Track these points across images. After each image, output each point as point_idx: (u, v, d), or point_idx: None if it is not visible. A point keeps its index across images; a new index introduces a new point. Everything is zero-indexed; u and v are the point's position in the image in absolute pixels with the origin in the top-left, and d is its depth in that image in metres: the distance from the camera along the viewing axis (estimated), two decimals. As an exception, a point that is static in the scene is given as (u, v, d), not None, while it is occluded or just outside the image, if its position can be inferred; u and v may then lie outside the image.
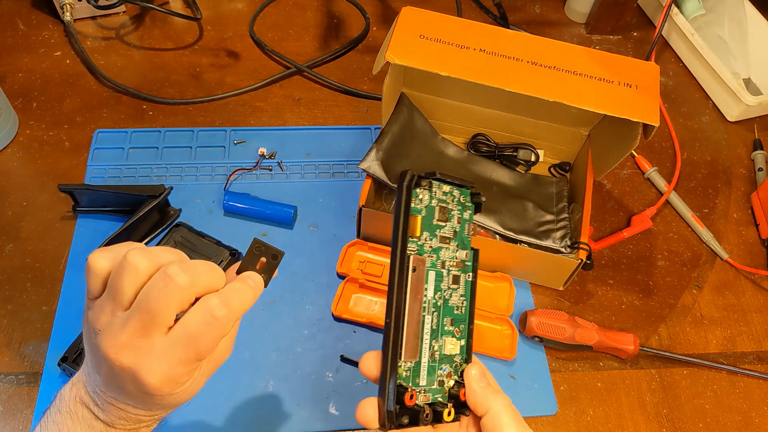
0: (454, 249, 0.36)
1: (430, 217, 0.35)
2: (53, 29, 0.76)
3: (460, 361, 0.36)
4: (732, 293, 0.63)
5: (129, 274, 0.30)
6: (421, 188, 0.35)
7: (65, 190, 0.58)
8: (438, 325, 0.35)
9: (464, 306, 0.36)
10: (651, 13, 0.87)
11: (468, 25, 0.57)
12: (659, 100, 0.53)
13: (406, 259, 0.33)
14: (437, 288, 0.35)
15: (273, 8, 0.82)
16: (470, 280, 0.36)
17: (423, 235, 0.35)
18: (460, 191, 0.36)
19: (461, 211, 0.36)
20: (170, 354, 0.30)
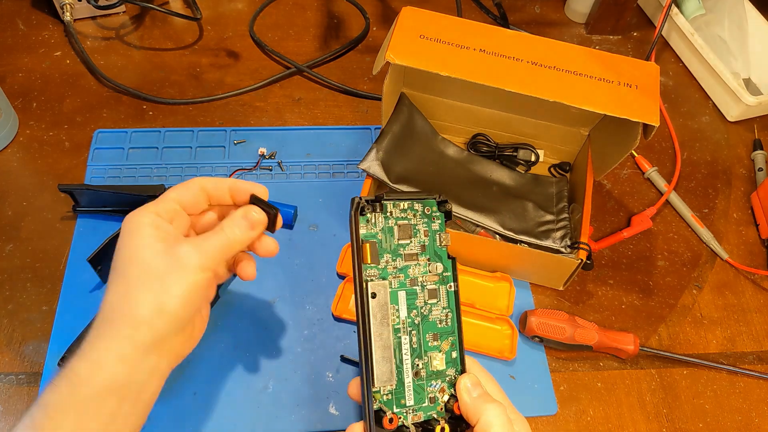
0: (425, 263, 0.36)
1: (390, 238, 0.35)
2: (53, 29, 0.76)
3: (454, 374, 0.35)
4: (732, 293, 0.63)
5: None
6: (371, 213, 0.35)
7: (65, 190, 0.58)
8: (419, 343, 0.35)
9: (449, 318, 0.36)
10: (651, 13, 0.87)
11: (468, 25, 0.57)
12: (659, 100, 0.53)
13: (364, 287, 0.34)
14: (411, 306, 0.35)
15: (273, 8, 0.82)
16: (452, 290, 0.36)
17: (383, 258, 0.35)
18: (422, 204, 0.36)
19: (428, 223, 0.36)
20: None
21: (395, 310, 0.34)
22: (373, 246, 0.35)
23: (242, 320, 0.55)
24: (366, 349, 0.33)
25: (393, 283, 0.35)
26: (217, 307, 0.56)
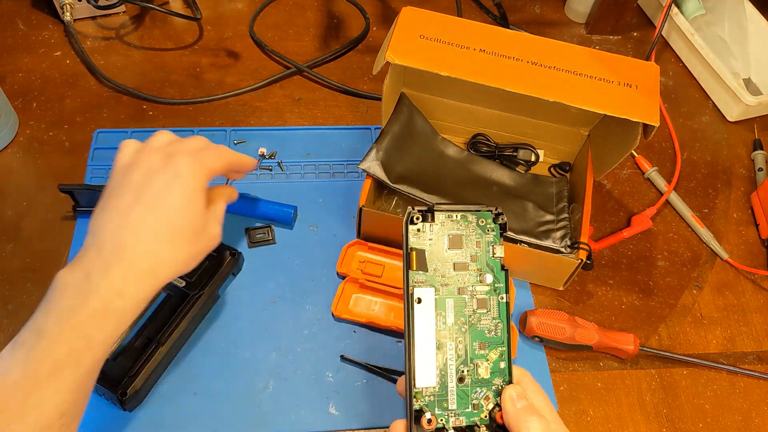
0: (476, 273, 0.37)
1: (440, 248, 0.36)
2: (53, 29, 0.76)
3: (501, 383, 0.36)
4: (732, 293, 0.63)
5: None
6: (422, 222, 0.36)
7: (65, 190, 0.58)
8: (466, 350, 0.36)
9: (499, 328, 0.37)
10: (651, 13, 0.87)
11: (468, 25, 0.57)
12: (659, 100, 0.53)
13: (410, 292, 0.35)
14: (459, 314, 0.36)
15: (273, 8, 0.82)
16: (504, 302, 0.37)
17: (432, 266, 0.36)
18: (477, 215, 0.37)
19: (481, 234, 0.37)
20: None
21: (442, 316, 0.36)
22: (420, 254, 0.36)
23: (242, 320, 0.55)
24: (409, 350, 0.35)
25: (441, 290, 0.36)
26: (217, 307, 0.56)
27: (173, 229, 0.39)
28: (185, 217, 0.40)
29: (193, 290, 0.53)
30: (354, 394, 0.53)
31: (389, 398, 0.53)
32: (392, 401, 0.53)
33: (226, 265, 0.54)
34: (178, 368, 0.52)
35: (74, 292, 0.37)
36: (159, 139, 0.43)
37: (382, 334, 0.56)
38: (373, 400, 0.53)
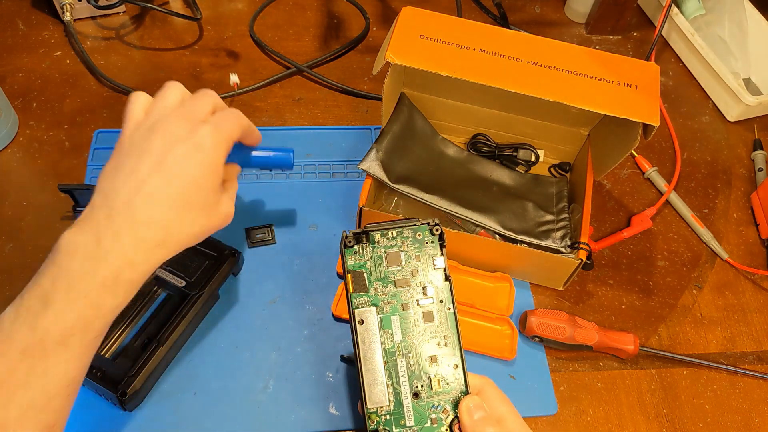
0: (418, 287, 0.37)
1: (379, 267, 0.36)
2: (53, 29, 0.76)
3: (459, 394, 0.36)
4: (732, 293, 0.63)
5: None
6: (357, 244, 0.37)
7: (65, 190, 0.58)
8: (418, 365, 0.36)
9: (448, 339, 0.36)
10: (651, 13, 0.87)
11: (468, 25, 0.57)
12: (659, 100, 0.53)
13: (351, 314, 0.36)
14: (406, 330, 0.36)
15: (273, 8, 0.82)
16: (451, 312, 0.37)
17: (372, 286, 0.36)
18: (412, 230, 0.37)
19: (419, 248, 0.37)
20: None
21: (389, 334, 0.36)
22: (357, 276, 0.37)
23: (242, 320, 0.55)
24: (359, 371, 0.35)
25: (385, 308, 0.36)
26: (217, 307, 0.56)
27: (189, 201, 0.38)
28: (201, 190, 0.38)
29: (193, 290, 0.53)
30: (354, 394, 0.53)
31: (389, 398, 0.53)
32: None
33: (226, 265, 0.54)
34: (178, 368, 0.52)
35: (83, 257, 0.35)
36: (172, 95, 0.41)
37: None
38: (373, 400, 0.53)
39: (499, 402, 0.36)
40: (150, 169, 0.37)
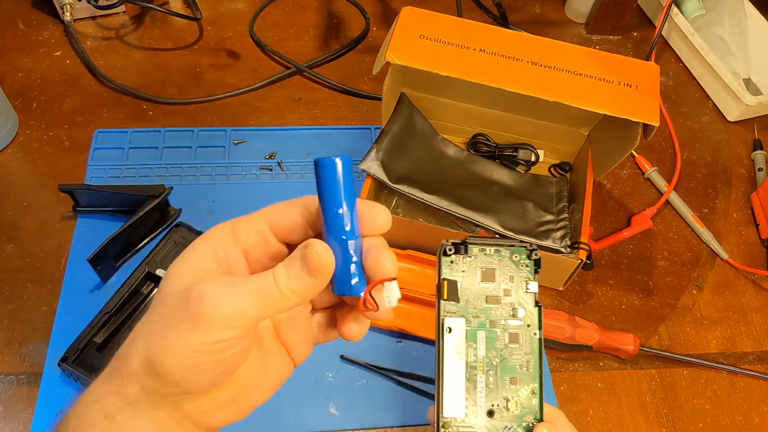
0: (508, 308, 0.37)
1: (473, 280, 0.37)
2: (53, 29, 0.76)
3: (532, 420, 0.36)
4: (732, 293, 0.63)
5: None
6: (455, 255, 0.37)
7: (65, 190, 0.58)
8: (497, 383, 0.36)
9: (531, 364, 0.37)
10: (651, 13, 0.87)
11: (468, 25, 0.57)
12: (659, 100, 0.53)
13: (440, 321, 0.36)
14: (490, 347, 0.36)
15: (273, 8, 0.82)
16: (536, 337, 0.37)
17: (464, 298, 0.37)
18: (510, 251, 0.38)
19: (515, 269, 0.37)
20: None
21: (473, 348, 0.36)
22: (452, 284, 0.37)
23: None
24: (438, 378, 0.35)
25: (473, 322, 0.37)
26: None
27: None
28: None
29: (193, 290, 0.53)
30: (354, 394, 0.53)
31: (389, 398, 0.53)
32: (392, 401, 0.53)
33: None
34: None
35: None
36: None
37: (382, 334, 0.56)
38: (373, 400, 0.53)
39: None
40: None
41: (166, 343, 0.25)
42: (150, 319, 0.27)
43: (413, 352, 0.55)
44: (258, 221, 0.28)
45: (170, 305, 0.26)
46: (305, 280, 0.26)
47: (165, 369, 0.26)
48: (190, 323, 0.25)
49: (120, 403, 0.27)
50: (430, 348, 0.56)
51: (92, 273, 0.54)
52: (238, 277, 0.27)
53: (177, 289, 0.26)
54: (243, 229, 0.28)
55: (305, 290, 0.26)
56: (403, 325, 0.56)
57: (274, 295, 0.26)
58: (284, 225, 0.28)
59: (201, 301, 0.25)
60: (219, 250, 0.27)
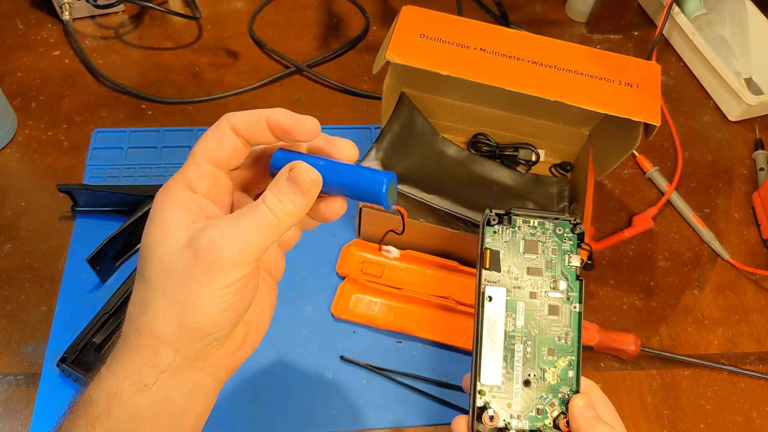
0: (549, 280, 0.37)
1: (515, 251, 0.37)
2: (52, 28, 0.76)
3: (568, 392, 0.36)
4: (733, 293, 0.62)
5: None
6: (499, 224, 0.37)
7: (64, 190, 0.58)
8: (534, 354, 0.36)
9: (569, 337, 0.37)
10: (652, 13, 0.87)
11: (468, 24, 0.57)
12: (660, 99, 0.53)
13: (481, 290, 0.36)
14: (530, 318, 0.36)
15: (272, 7, 0.82)
16: (576, 311, 0.37)
17: (505, 268, 0.37)
18: (554, 224, 0.38)
19: (558, 242, 0.37)
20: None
21: (512, 318, 0.36)
22: (494, 254, 0.37)
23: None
24: (476, 346, 0.36)
25: (513, 292, 0.37)
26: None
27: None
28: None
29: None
30: (354, 394, 0.52)
31: (389, 399, 0.53)
32: (392, 402, 0.53)
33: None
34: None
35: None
36: None
37: (382, 334, 0.56)
38: (373, 401, 0.52)
39: (606, 407, 0.36)
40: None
41: (192, 300, 0.27)
42: (157, 286, 0.28)
43: (413, 353, 0.55)
44: (203, 167, 0.29)
45: (178, 265, 0.27)
46: (298, 200, 0.28)
47: (199, 323, 0.27)
48: (208, 273, 0.26)
49: (153, 373, 0.27)
50: (430, 348, 0.56)
51: (91, 273, 0.54)
52: (233, 216, 0.28)
53: (176, 247, 0.27)
54: (195, 179, 0.29)
55: (299, 210, 0.28)
56: (403, 326, 0.56)
57: (273, 222, 0.27)
58: (226, 156, 0.29)
59: (212, 248, 0.26)
60: (189, 204, 0.28)
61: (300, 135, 0.29)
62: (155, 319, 0.27)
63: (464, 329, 0.56)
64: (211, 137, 0.29)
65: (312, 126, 0.29)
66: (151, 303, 0.28)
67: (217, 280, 0.27)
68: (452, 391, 0.53)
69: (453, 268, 0.59)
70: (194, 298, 0.27)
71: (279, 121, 0.29)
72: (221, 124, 0.29)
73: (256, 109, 0.29)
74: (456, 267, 0.59)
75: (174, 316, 0.27)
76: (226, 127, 0.29)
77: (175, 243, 0.27)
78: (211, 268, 0.26)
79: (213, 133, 0.29)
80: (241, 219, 0.27)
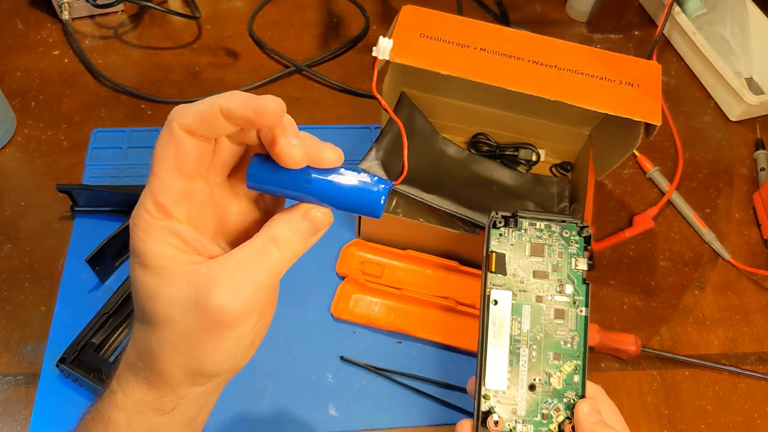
0: (555, 283, 0.37)
1: (521, 254, 0.37)
2: (51, 28, 0.76)
3: (573, 396, 0.36)
4: (734, 294, 0.62)
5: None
6: (505, 227, 0.37)
7: (63, 190, 0.58)
8: (539, 358, 0.36)
9: (575, 341, 0.36)
10: (652, 12, 0.87)
11: (469, 23, 0.56)
12: (661, 99, 0.53)
13: (487, 293, 0.36)
14: (535, 322, 0.36)
15: (272, 7, 0.82)
16: (582, 315, 0.37)
17: (511, 271, 0.36)
18: (561, 226, 0.37)
19: (564, 245, 0.37)
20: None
21: (518, 321, 0.36)
22: (500, 257, 0.37)
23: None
24: (481, 351, 0.35)
25: (519, 296, 0.36)
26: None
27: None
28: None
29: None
30: (354, 394, 0.52)
31: (389, 399, 0.53)
32: (392, 402, 0.53)
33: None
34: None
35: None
36: None
37: (382, 334, 0.56)
38: (373, 401, 0.52)
39: (611, 411, 0.36)
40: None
41: (205, 355, 0.26)
42: (165, 340, 0.27)
43: (413, 353, 0.55)
44: (171, 182, 0.25)
45: (185, 323, 0.26)
46: (309, 241, 0.28)
47: (214, 371, 0.28)
48: (219, 332, 0.26)
49: (175, 400, 0.28)
50: (430, 349, 0.56)
51: (90, 273, 0.54)
52: (237, 262, 0.26)
53: (178, 302, 0.26)
54: (167, 200, 0.26)
55: (308, 246, 0.28)
56: (403, 326, 0.56)
57: (282, 266, 0.27)
58: (192, 164, 0.26)
59: (224, 312, 0.25)
60: (173, 241, 0.26)
61: (262, 122, 0.25)
62: (168, 370, 0.27)
63: (464, 329, 0.56)
64: (166, 148, 0.25)
65: (274, 107, 0.24)
66: (162, 355, 0.27)
67: (230, 336, 0.26)
68: (452, 391, 0.53)
69: (453, 268, 0.59)
70: (209, 354, 0.26)
71: (234, 111, 0.24)
72: (172, 129, 0.25)
73: (206, 100, 0.25)
74: (456, 267, 0.59)
75: (187, 369, 0.27)
76: (178, 131, 0.25)
77: (176, 297, 0.25)
78: (221, 327, 0.26)
79: (168, 142, 0.25)
80: (248, 267, 0.26)
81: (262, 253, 0.26)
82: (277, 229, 0.27)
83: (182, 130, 0.25)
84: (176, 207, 0.26)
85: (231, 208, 0.29)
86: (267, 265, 0.26)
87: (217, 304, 0.25)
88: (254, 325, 0.27)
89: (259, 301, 0.26)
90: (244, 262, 0.26)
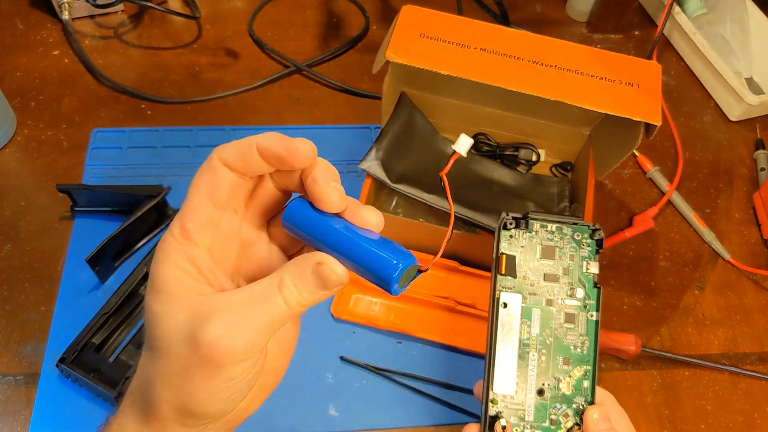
0: (566, 287, 0.36)
1: (531, 256, 0.36)
2: (51, 28, 0.76)
3: (583, 402, 0.35)
4: (734, 294, 0.62)
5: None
6: (515, 229, 0.36)
7: (63, 190, 0.58)
8: (548, 363, 0.35)
9: (585, 346, 0.36)
10: (652, 12, 0.87)
11: (469, 23, 0.56)
12: (661, 99, 0.53)
13: (496, 296, 0.35)
14: (545, 326, 0.36)
15: (272, 7, 0.82)
16: (593, 319, 0.36)
17: (521, 274, 0.36)
18: (572, 229, 0.37)
19: (575, 248, 0.37)
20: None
21: (527, 325, 0.35)
22: (510, 259, 0.36)
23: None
24: (489, 354, 0.35)
25: (529, 299, 0.36)
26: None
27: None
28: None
29: (191, 291, 0.52)
30: (354, 394, 0.52)
31: (389, 399, 0.53)
32: (392, 402, 0.53)
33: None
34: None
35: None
36: None
37: (382, 334, 0.56)
38: (374, 401, 0.52)
39: (621, 418, 0.36)
40: None
41: (194, 393, 0.26)
42: (160, 371, 0.26)
43: (413, 353, 0.55)
44: (203, 211, 0.27)
45: (179, 353, 0.25)
46: (318, 295, 0.26)
47: (201, 413, 0.26)
48: (209, 370, 0.25)
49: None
50: (430, 349, 0.56)
51: (90, 273, 0.54)
52: (239, 302, 0.26)
53: (175, 331, 0.25)
54: (194, 228, 0.27)
55: (316, 303, 0.27)
56: (403, 326, 0.56)
57: (285, 313, 0.26)
58: (225, 195, 0.27)
59: (214, 347, 0.24)
60: (190, 269, 0.26)
61: (293, 162, 0.26)
62: (158, 403, 0.26)
63: (464, 329, 0.56)
64: (203, 176, 0.27)
65: (306, 151, 0.26)
66: (154, 386, 0.27)
67: (219, 376, 0.25)
68: (453, 391, 0.53)
69: (453, 268, 0.59)
70: (196, 392, 0.26)
71: (269, 148, 0.26)
72: (211, 160, 0.27)
73: (246, 138, 0.27)
74: (456, 267, 0.58)
75: (176, 405, 0.26)
76: (216, 162, 0.27)
77: (177, 326, 0.25)
78: (212, 366, 0.25)
79: (204, 171, 0.27)
80: (250, 310, 0.25)
81: (267, 295, 0.26)
82: (285, 274, 0.26)
83: (220, 161, 0.27)
84: (200, 233, 0.27)
85: (259, 250, 0.29)
86: (268, 309, 0.26)
87: (208, 337, 0.24)
88: (249, 369, 0.26)
89: (255, 344, 0.25)
90: (248, 301, 0.26)
